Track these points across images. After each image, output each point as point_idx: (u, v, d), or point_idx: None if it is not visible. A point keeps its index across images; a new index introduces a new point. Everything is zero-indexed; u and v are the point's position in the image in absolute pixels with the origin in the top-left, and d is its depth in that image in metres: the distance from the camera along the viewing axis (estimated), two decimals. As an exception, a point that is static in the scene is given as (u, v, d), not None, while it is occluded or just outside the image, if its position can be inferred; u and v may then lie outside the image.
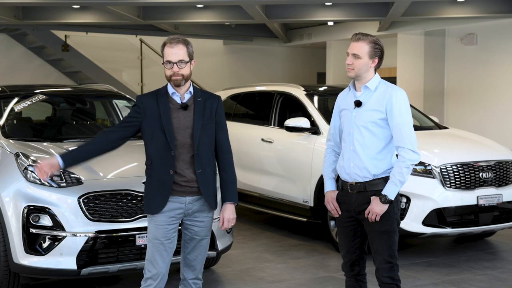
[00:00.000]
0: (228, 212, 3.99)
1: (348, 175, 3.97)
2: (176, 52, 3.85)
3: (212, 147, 4.03)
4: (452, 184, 6.44)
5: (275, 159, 7.82)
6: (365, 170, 3.92)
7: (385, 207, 3.86)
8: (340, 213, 4.06)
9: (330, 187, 4.14)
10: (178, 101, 3.91)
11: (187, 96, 3.94)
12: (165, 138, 3.84)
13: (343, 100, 4.09)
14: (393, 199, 3.88)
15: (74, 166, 4.11)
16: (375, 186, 3.93)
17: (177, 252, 4.07)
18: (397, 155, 3.93)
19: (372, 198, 3.88)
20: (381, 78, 4.00)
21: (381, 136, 3.92)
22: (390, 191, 3.87)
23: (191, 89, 3.96)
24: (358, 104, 3.95)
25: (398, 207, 4.01)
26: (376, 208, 3.85)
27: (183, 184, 3.87)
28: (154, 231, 3.89)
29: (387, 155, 3.95)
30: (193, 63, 3.93)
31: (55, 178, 5.07)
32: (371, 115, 3.90)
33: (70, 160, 3.93)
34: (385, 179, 3.92)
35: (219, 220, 4.23)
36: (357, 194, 3.97)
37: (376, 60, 3.95)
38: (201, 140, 3.90)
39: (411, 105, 8.51)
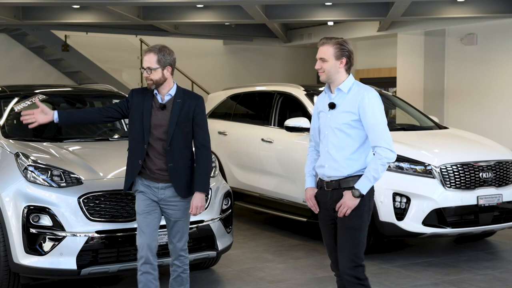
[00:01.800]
0: (197, 200, 4.52)
1: (324, 174, 4.05)
2: (146, 59, 4.47)
3: (188, 143, 4.55)
4: (452, 184, 6.44)
5: (275, 159, 7.82)
6: (339, 171, 3.97)
7: (356, 201, 3.88)
8: (318, 210, 4.14)
9: (309, 184, 4.23)
10: (159, 101, 4.52)
11: (167, 98, 4.53)
12: (142, 132, 4.48)
13: (320, 102, 4.15)
14: (365, 193, 3.89)
15: (65, 125, 4.80)
16: (349, 183, 3.95)
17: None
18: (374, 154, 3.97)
19: (344, 192, 3.91)
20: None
21: (355, 137, 3.96)
22: (362, 186, 3.89)
23: (172, 91, 4.53)
24: (332, 106, 4.02)
25: (370, 207, 4.01)
26: (348, 202, 3.88)
27: (156, 172, 4.50)
28: (137, 206, 4.58)
29: (361, 155, 3.98)
30: (169, 69, 4.48)
31: (55, 178, 5.08)
32: (344, 117, 3.95)
33: (65, 119, 4.56)
34: (359, 177, 3.94)
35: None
36: (332, 191, 4.02)
37: (344, 61, 4.00)
38: (175, 137, 4.46)
39: (411, 105, 8.59)
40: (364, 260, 4.00)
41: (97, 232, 4.98)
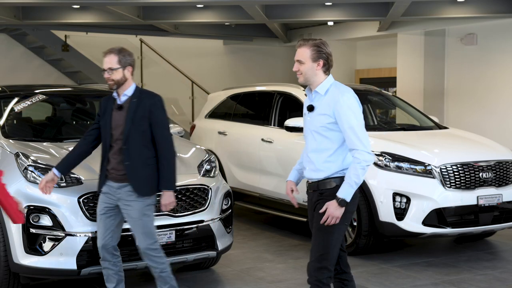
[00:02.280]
0: (165, 198, 4.65)
1: (306, 176, 4.08)
2: (106, 60, 4.62)
3: (146, 142, 4.63)
4: (452, 184, 6.44)
5: (275, 159, 7.82)
6: (317, 173, 3.97)
7: (342, 210, 3.84)
8: (297, 205, 4.27)
9: (290, 177, 4.26)
10: (118, 102, 4.68)
11: (123, 98, 4.67)
12: (104, 133, 4.68)
13: (305, 105, 4.13)
14: (349, 200, 3.84)
15: (69, 171, 4.83)
16: (327, 184, 3.93)
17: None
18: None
19: (328, 203, 3.84)
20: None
21: (334, 139, 3.93)
22: (346, 193, 3.84)
23: (128, 91, 4.67)
24: (310, 108, 4.01)
25: (348, 209, 3.91)
26: (334, 212, 3.83)
27: (112, 172, 4.66)
28: (97, 207, 4.77)
29: (339, 157, 3.95)
30: (129, 70, 4.66)
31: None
32: (321, 120, 3.93)
33: (65, 168, 4.78)
34: (337, 179, 3.91)
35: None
36: (312, 192, 4.03)
37: (321, 63, 3.95)
38: (131, 136, 4.56)
39: (411, 105, 8.59)
40: (332, 267, 3.91)
41: (97, 232, 4.98)
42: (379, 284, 5.82)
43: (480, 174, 6.57)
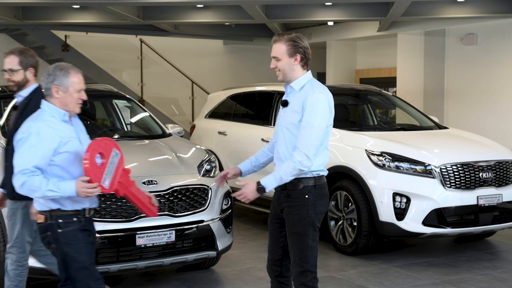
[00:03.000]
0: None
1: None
2: (7, 61, 4.54)
3: None
4: (452, 184, 6.44)
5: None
6: None
7: (257, 195, 3.77)
8: (219, 185, 4.11)
9: (241, 165, 4.13)
10: (16, 103, 4.65)
11: (19, 99, 4.61)
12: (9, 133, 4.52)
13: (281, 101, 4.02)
14: (268, 191, 3.78)
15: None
16: (294, 185, 3.84)
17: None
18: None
19: (248, 184, 3.77)
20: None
21: None
22: (268, 183, 3.77)
23: (23, 92, 4.57)
24: (284, 104, 3.89)
25: (318, 211, 3.87)
26: (249, 194, 3.77)
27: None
28: None
29: None
30: (31, 71, 4.55)
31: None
32: (292, 117, 3.81)
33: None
34: (304, 180, 3.82)
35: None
36: (279, 192, 3.93)
37: (298, 57, 3.82)
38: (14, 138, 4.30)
39: (411, 105, 8.59)
40: (314, 269, 3.86)
41: (97, 232, 4.96)
42: (379, 284, 5.82)
43: (480, 174, 6.57)
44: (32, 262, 4.92)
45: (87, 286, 3.75)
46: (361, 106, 8.51)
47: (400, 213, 6.39)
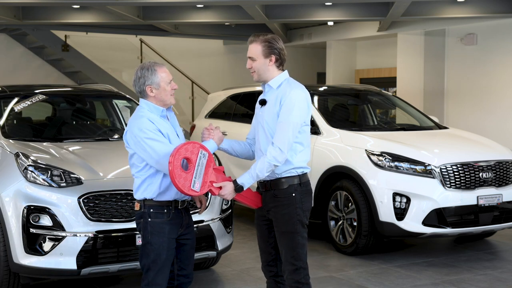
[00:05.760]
0: None
1: None
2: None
3: None
4: (452, 184, 6.44)
5: (275, 159, 7.80)
6: None
7: (234, 194, 3.79)
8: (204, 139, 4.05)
9: (226, 139, 4.10)
10: None
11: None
12: None
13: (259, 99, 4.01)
14: (245, 188, 3.79)
15: None
16: (279, 185, 3.84)
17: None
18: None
19: (226, 184, 3.76)
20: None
21: None
22: (245, 181, 3.77)
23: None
24: (262, 102, 3.91)
25: (305, 208, 3.88)
26: (228, 195, 3.77)
27: None
28: None
29: (289, 154, 3.80)
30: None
31: (55, 178, 5.08)
32: (270, 116, 3.83)
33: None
34: (289, 179, 3.83)
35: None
36: (264, 193, 3.94)
37: (273, 58, 3.84)
38: None
39: (411, 105, 8.58)
40: (307, 264, 3.87)
41: (97, 232, 4.98)
42: (379, 284, 5.82)
43: (480, 174, 6.57)
44: (32, 262, 4.93)
45: (153, 280, 3.83)
46: (361, 106, 8.51)
47: (400, 213, 6.39)
